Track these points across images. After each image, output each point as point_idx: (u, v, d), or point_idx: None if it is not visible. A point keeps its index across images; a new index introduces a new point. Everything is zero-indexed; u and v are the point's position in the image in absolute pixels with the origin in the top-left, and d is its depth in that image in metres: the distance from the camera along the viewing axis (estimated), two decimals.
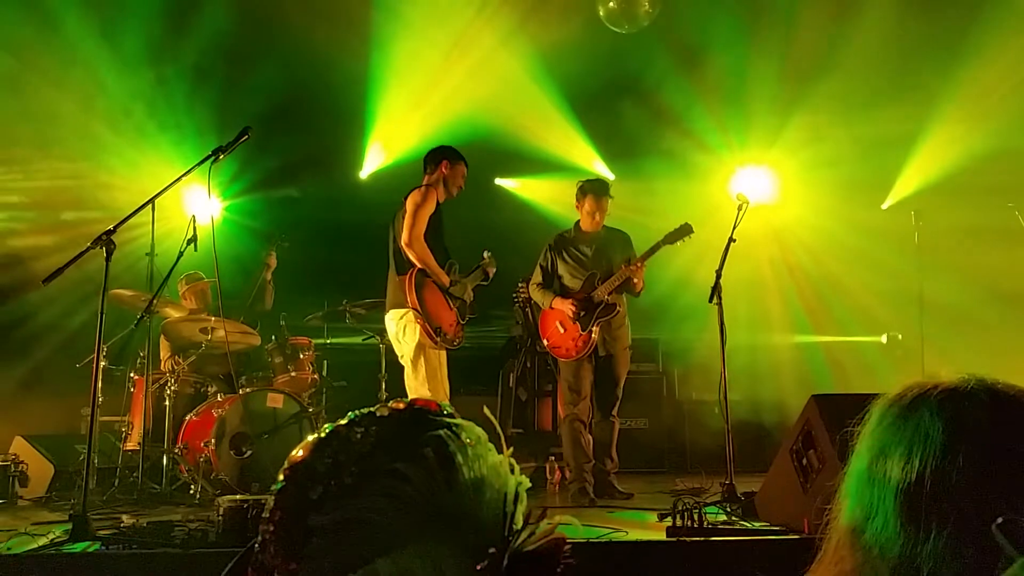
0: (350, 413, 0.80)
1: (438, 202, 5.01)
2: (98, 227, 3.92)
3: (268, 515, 0.74)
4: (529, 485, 0.75)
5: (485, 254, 5.40)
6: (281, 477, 0.75)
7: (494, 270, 5.38)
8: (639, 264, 5.27)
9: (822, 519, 1.05)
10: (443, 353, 4.98)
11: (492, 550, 0.68)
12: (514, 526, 0.72)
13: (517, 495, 0.74)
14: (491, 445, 0.76)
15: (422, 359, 4.83)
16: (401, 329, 4.89)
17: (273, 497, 0.74)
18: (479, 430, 0.77)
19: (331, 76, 7.38)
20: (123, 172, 6.96)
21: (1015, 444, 0.92)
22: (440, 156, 5.14)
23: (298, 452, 0.76)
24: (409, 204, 4.92)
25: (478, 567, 0.68)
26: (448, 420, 0.76)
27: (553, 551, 0.72)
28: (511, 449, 0.78)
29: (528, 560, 0.70)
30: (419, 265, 4.84)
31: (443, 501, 0.70)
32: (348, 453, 0.73)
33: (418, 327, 4.80)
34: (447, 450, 0.72)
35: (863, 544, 0.97)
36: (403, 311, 4.86)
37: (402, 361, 5.00)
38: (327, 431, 0.77)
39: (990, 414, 0.93)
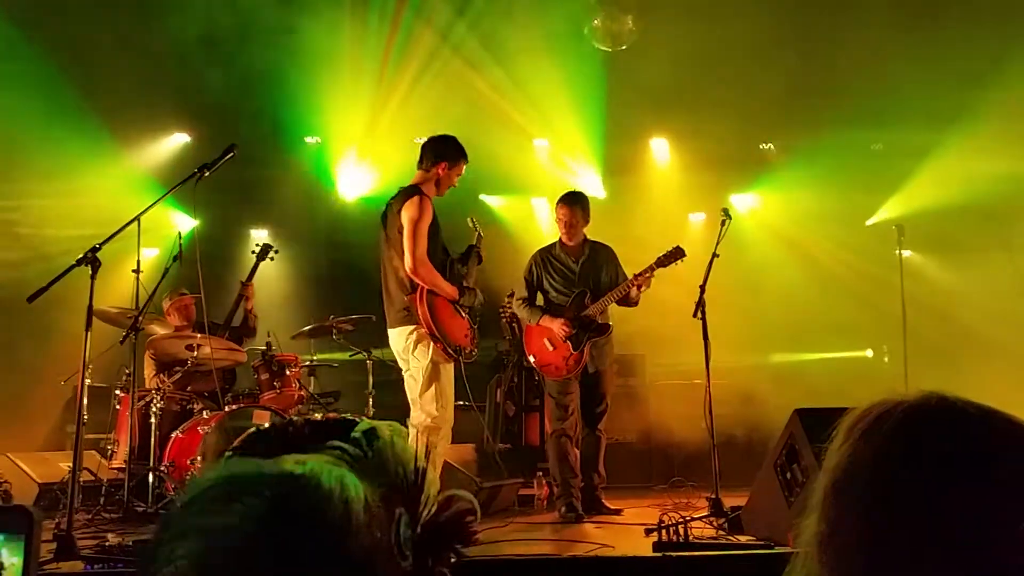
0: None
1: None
2: None
3: None
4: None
5: (470, 222, 5.03)
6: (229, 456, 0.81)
7: (482, 254, 4.99)
8: (648, 275, 5.19)
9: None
10: (452, 366, 4.70)
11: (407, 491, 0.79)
12: (429, 487, 0.81)
13: (427, 474, 0.83)
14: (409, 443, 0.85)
15: (436, 376, 4.57)
16: (412, 344, 4.58)
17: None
18: (399, 426, 0.85)
19: (307, 95, 7.42)
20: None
21: (975, 462, 0.94)
22: (440, 155, 4.74)
23: (238, 442, 0.82)
24: (406, 220, 4.53)
25: (396, 511, 0.77)
26: (368, 421, 0.84)
27: (459, 519, 0.81)
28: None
29: (438, 528, 0.79)
30: (428, 287, 4.57)
31: (372, 462, 0.79)
32: (288, 438, 0.80)
33: (431, 346, 4.54)
34: (375, 436, 0.81)
35: (828, 561, 0.99)
36: (412, 327, 4.58)
37: (407, 375, 4.71)
38: (261, 428, 0.84)
39: (950, 433, 0.96)
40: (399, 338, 4.64)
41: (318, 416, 0.85)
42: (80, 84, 6.82)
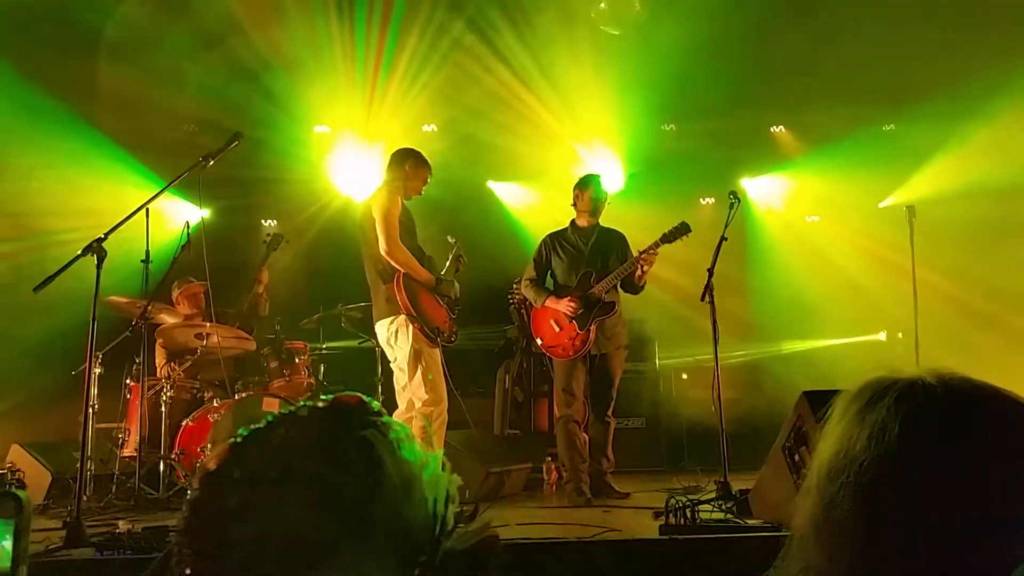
0: (268, 415, 0.74)
1: (404, 201, 4.95)
2: None
3: (183, 526, 0.67)
4: (460, 483, 0.73)
5: (450, 239, 5.29)
6: (195, 486, 0.69)
7: (464, 258, 5.26)
8: (654, 251, 5.17)
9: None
10: (438, 352, 4.90)
11: (423, 558, 0.66)
12: (446, 526, 0.69)
13: (448, 494, 0.71)
14: (418, 441, 0.72)
15: (420, 362, 4.75)
16: (393, 334, 4.81)
17: (187, 507, 0.68)
18: (406, 427, 0.73)
19: (316, 84, 7.40)
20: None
21: (968, 438, 0.93)
22: (405, 156, 5.08)
23: (211, 460, 0.69)
24: (376, 210, 4.82)
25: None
26: (373, 418, 0.72)
27: (486, 549, 0.69)
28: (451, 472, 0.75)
29: (462, 558, 0.68)
30: (403, 270, 4.78)
31: (370, 507, 0.66)
32: (267, 458, 0.68)
33: (411, 330, 4.73)
34: (373, 451, 0.68)
35: (825, 540, 0.98)
36: (392, 317, 4.80)
37: (394, 366, 4.91)
38: (243, 435, 0.70)
39: (944, 408, 0.94)
40: (382, 329, 4.90)
41: (306, 412, 0.73)
42: (84, 78, 6.82)
